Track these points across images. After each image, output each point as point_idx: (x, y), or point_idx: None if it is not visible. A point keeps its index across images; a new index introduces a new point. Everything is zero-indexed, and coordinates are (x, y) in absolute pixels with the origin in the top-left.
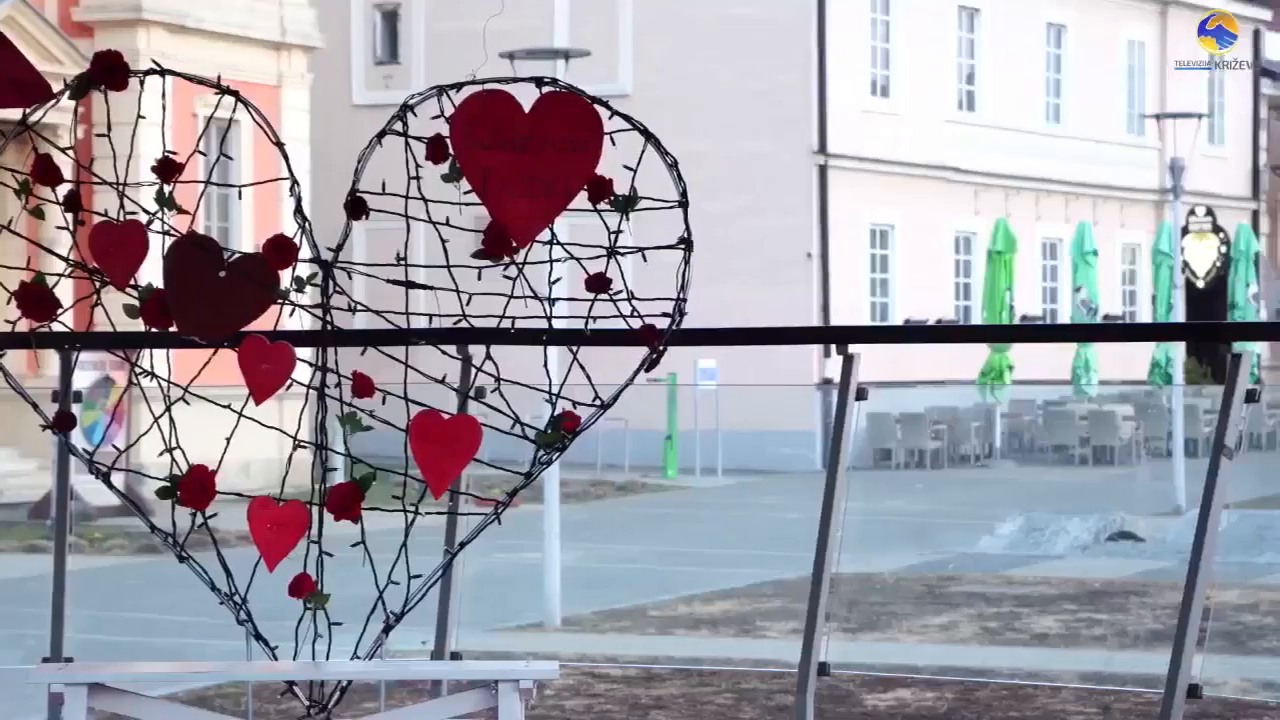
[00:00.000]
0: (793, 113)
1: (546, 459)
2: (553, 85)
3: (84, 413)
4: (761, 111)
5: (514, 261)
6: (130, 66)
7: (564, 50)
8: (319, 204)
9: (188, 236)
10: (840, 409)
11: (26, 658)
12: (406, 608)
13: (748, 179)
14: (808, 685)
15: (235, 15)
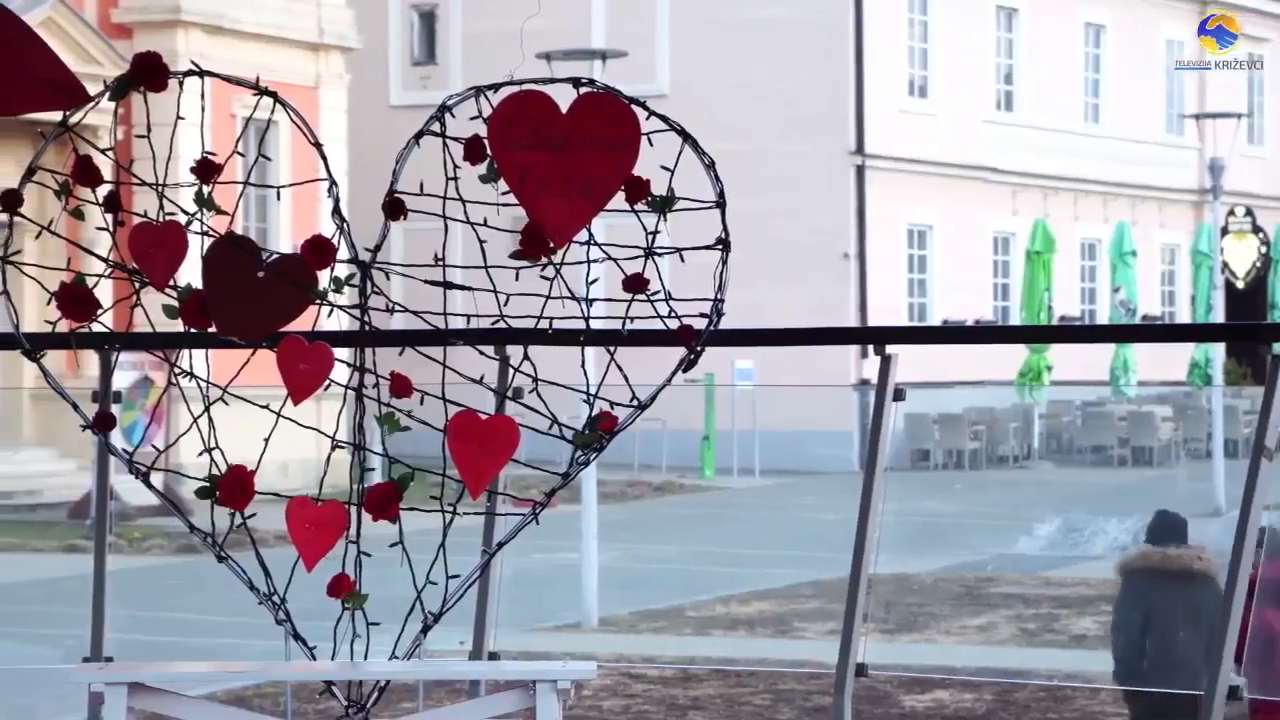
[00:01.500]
0: (830, 113)
1: (584, 459)
2: (590, 86)
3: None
4: (799, 112)
5: (551, 262)
6: (169, 68)
7: (601, 51)
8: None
9: (226, 237)
10: (878, 409)
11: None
12: (444, 608)
13: (785, 179)
14: (845, 686)
15: (273, 16)
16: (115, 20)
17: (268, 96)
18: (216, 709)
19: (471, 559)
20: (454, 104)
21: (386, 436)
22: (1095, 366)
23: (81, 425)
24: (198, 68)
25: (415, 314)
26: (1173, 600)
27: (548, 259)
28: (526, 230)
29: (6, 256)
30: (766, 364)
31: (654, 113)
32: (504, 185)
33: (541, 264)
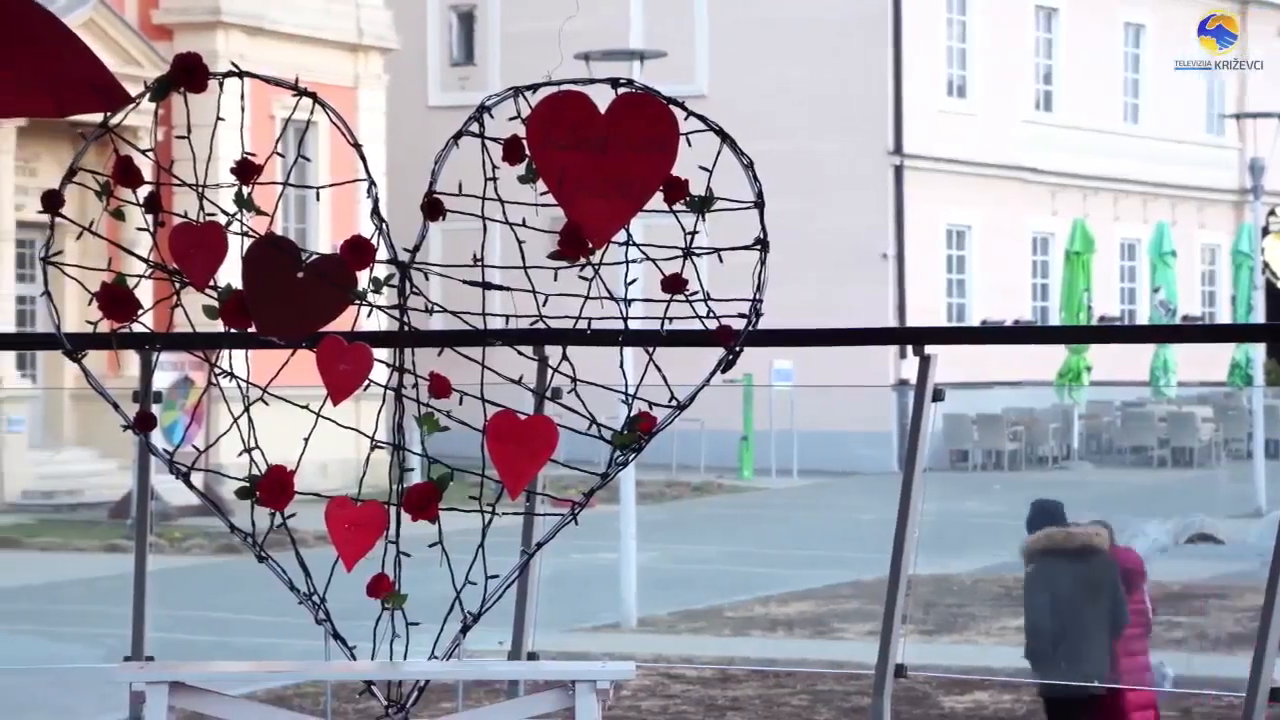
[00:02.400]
0: (869, 113)
1: (623, 460)
2: (629, 86)
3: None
4: (837, 112)
5: (590, 262)
6: (209, 69)
7: (639, 51)
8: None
9: (266, 237)
10: (917, 410)
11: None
12: (484, 608)
13: (823, 180)
14: (885, 687)
15: (312, 17)
16: (156, 21)
17: (307, 97)
18: (257, 708)
19: (510, 559)
20: (493, 104)
21: (425, 436)
22: (1135, 367)
23: (122, 425)
24: (237, 69)
25: (454, 314)
26: (1077, 577)
27: (586, 259)
28: (565, 230)
29: (48, 257)
30: (805, 364)
31: (692, 113)
32: (543, 186)
33: (580, 264)
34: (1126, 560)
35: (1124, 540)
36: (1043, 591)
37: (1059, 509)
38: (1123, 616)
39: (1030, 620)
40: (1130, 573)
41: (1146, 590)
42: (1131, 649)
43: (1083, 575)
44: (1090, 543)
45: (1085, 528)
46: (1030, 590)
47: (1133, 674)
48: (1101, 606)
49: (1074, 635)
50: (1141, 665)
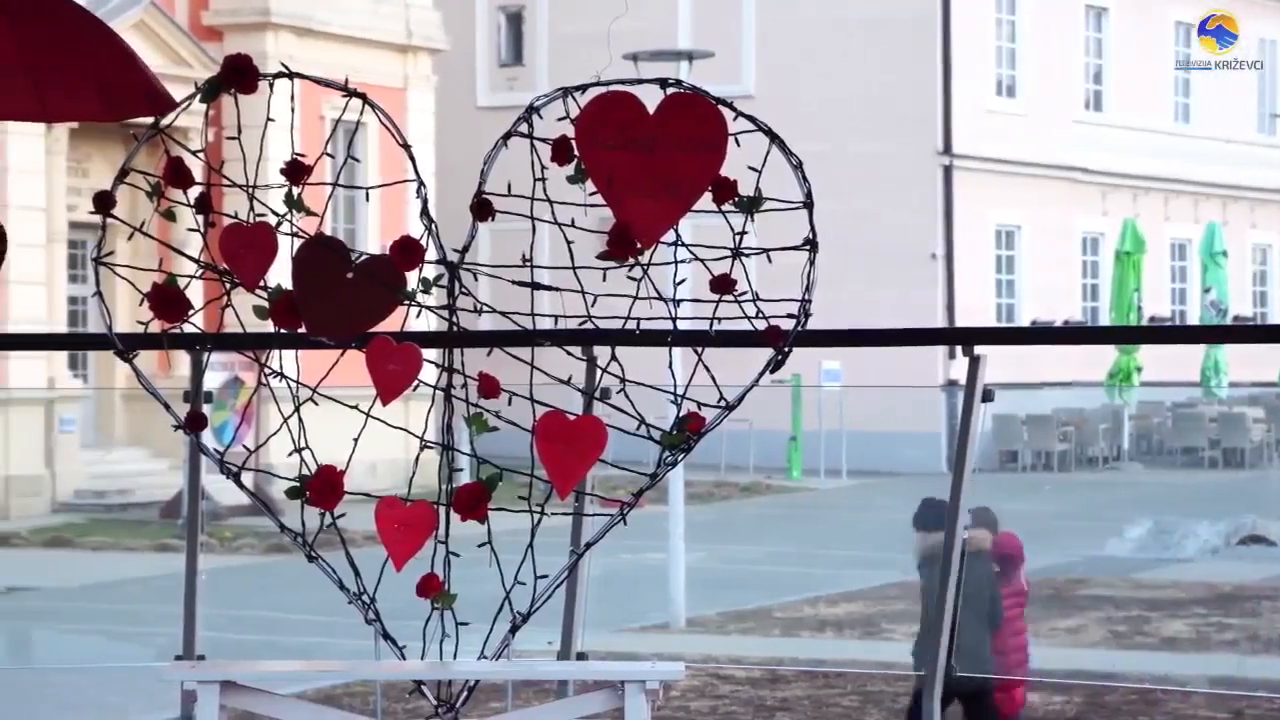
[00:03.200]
0: (917, 113)
1: (672, 460)
2: (677, 86)
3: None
4: (886, 112)
5: (639, 263)
6: (259, 70)
7: (688, 51)
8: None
9: (316, 238)
10: (966, 411)
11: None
12: (533, 608)
13: (872, 180)
14: (934, 688)
15: (361, 18)
16: (206, 23)
17: (357, 98)
18: (307, 707)
19: (559, 559)
20: (541, 105)
21: (475, 437)
22: (1186, 367)
23: (173, 425)
24: (287, 70)
25: (503, 314)
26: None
27: (635, 259)
28: (614, 231)
29: (100, 258)
30: (853, 364)
31: (741, 113)
32: (591, 186)
33: (629, 264)
34: (1009, 545)
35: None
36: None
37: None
38: (998, 614)
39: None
40: (1012, 557)
41: (1023, 572)
42: (1015, 629)
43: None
44: (983, 547)
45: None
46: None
47: (1016, 653)
48: (984, 605)
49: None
50: (1022, 644)
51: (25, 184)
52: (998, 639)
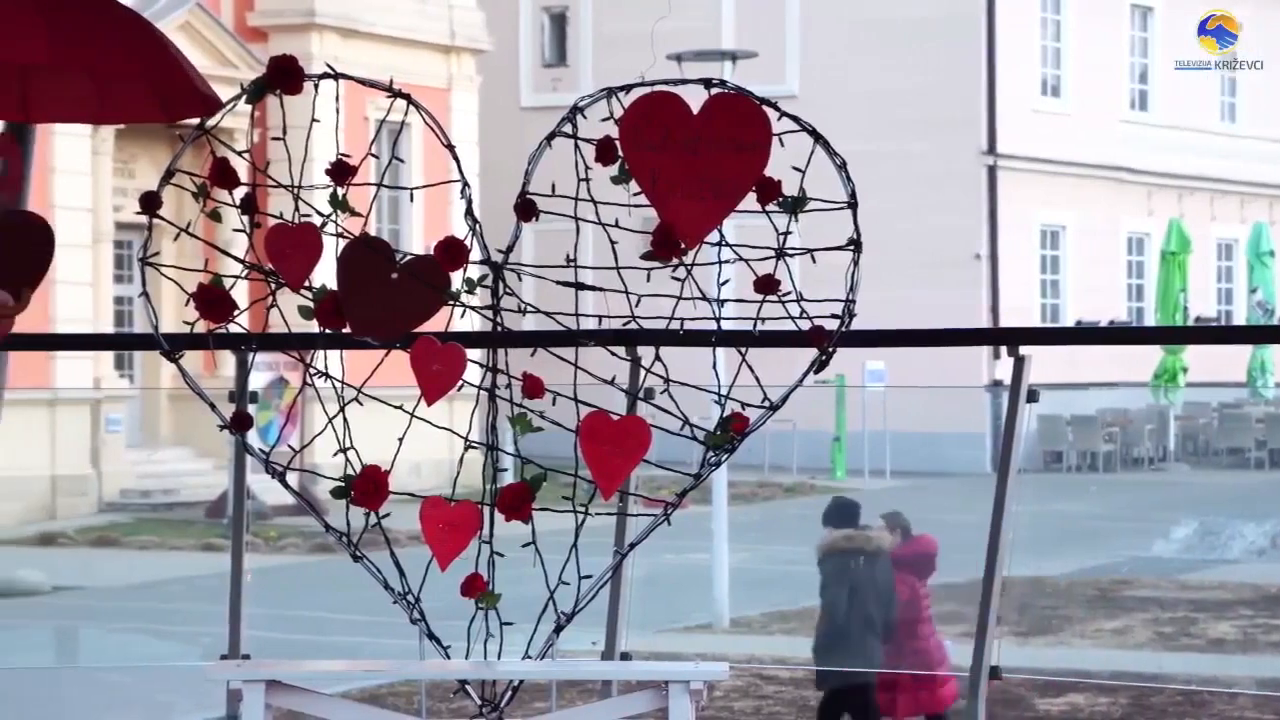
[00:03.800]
0: (962, 113)
1: (715, 460)
2: (721, 86)
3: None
4: (930, 112)
5: (683, 263)
6: (304, 70)
7: (731, 51)
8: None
9: (360, 238)
10: (1011, 411)
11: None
12: (577, 608)
13: (916, 180)
14: (979, 689)
15: (405, 19)
16: (251, 24)
17: (401, 99)
18: (352, 707)
19: (603, 559)
20: (585, 105)
21: (519, 437)
22: (1232, 367)
23: (219, 425)
24: (332, 70)
25: (547, 315)
26: (869, 576)
27: (679, 260)
28: (658, 231)
29: (146, 258)
30: (898, 365)
31: (785, 113)
32: (635, 186)
33: (672, 265)
34: (927, 547)
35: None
36: (841, 587)
37: (857, 509)
38: (893, 611)
39: (828, 614)
40: (930, 557)
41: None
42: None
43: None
44: (883, 545)
45: (880, 531)
46: (829, 585)
47: (930, 653)
48: (883, 603)
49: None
50: (936, 645)
51: (72, 184)
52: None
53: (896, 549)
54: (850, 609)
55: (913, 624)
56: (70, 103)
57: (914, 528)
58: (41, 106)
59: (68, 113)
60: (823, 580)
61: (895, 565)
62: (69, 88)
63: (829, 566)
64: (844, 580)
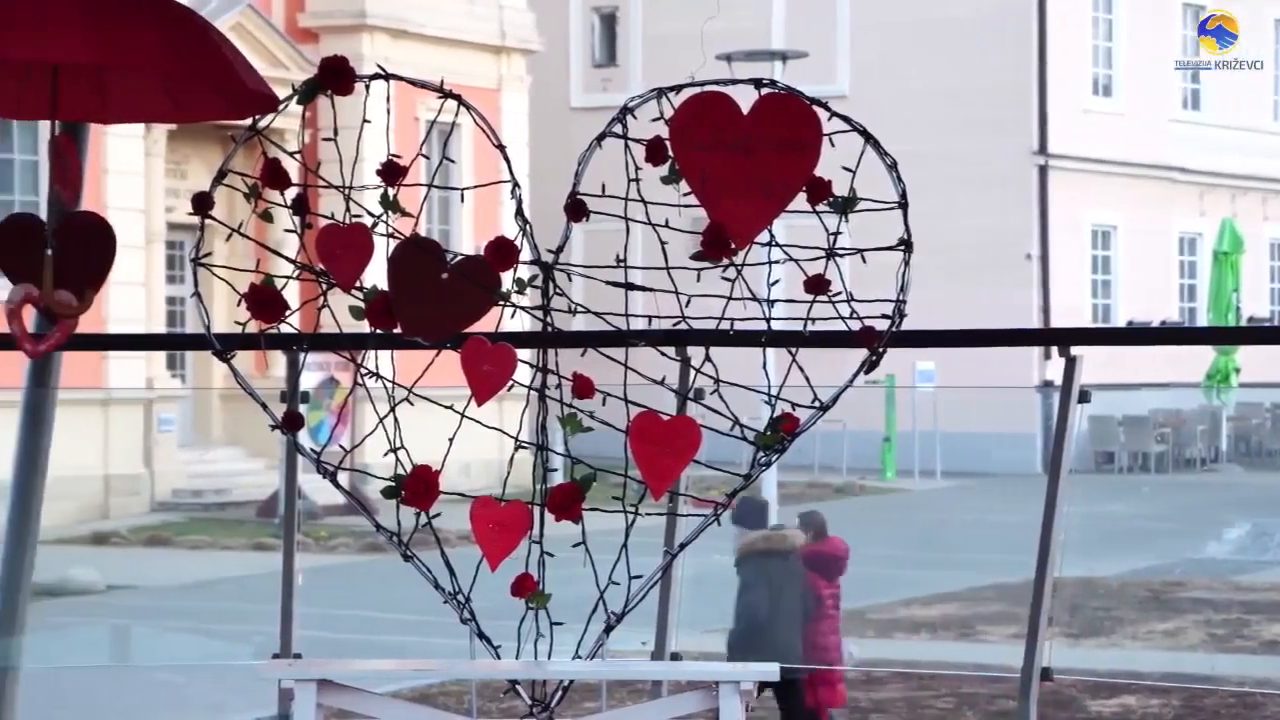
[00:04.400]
0: (1012, 113)
1: (765, 460)
2: (771, 87)
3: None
4: (981, 112)
5: (733, 263)
6: (355, 71)
7: (781, 51)
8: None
9: (411, 239)
10: (1063, 412)
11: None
12: (627, 608)
13: (967, 180)
14: (1030, 690)
15: (455, 20)
16: (302, 25)
17: (452, 99)
18: (403, 706)
19: (653, 560)
20: (636, 106)
21: (569, 437)
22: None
23: (270, 425)
24: (383, 71)
25: (597, 315)
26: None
27: (729, 260)
28: (708, 231)
29: (198, 258)
30: (948, 365)
31: (835, 113)
32: (685, 186)
33: (723, 265)
34: (836, 549)
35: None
36: (763, 588)
37: (766, 507)
38: (810, 606)
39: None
40: (840, 560)
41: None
42: (834, 626)
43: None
44: (797, 545)
45: (794, 530)
46: (751, 586)
47: (830, 651)
48: (797, 600)
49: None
50: (835, 644)
51: (124, 185)
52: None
53: (807, 548)
54: (772, 610)
55: (816, 622)
56: (147, 101)
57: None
58: (115, 107)
59: (145, 112)
60: (742, 582)
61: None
62: (145, 87)
63: (748, 568)
64: (764, 581)
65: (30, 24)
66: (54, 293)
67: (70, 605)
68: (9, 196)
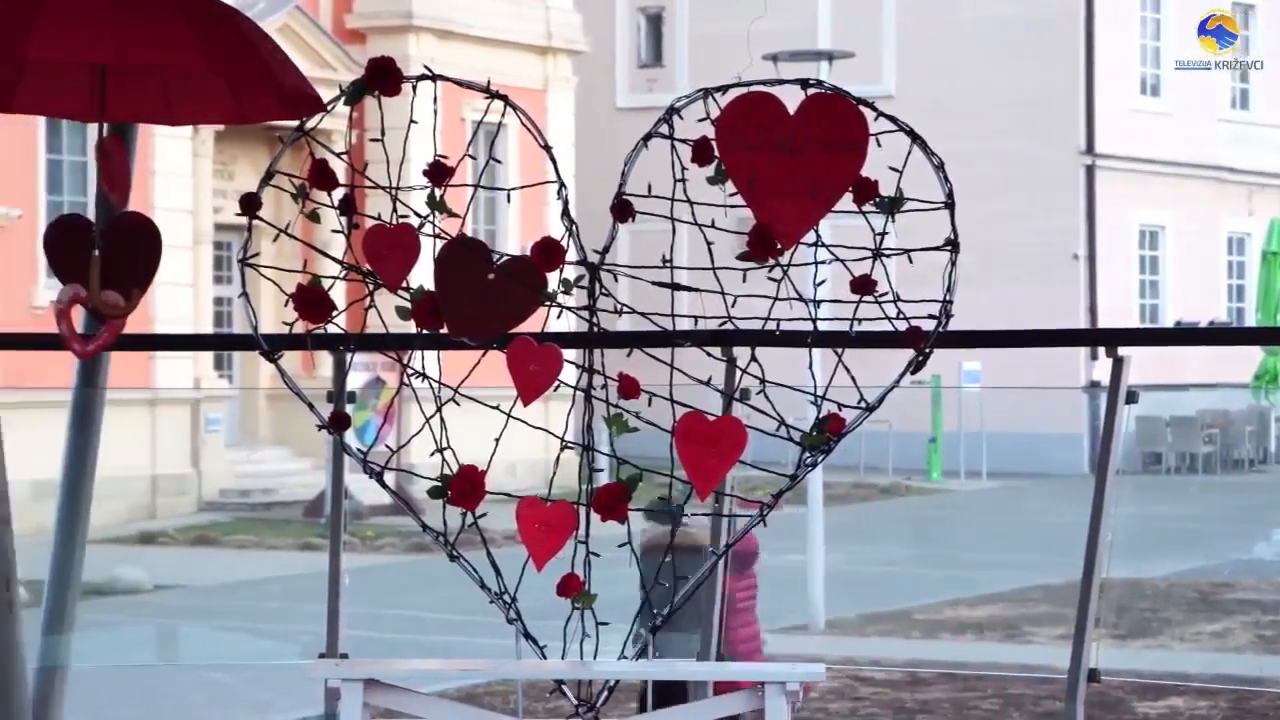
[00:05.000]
0: (1060, 112)
1: (811, 461)
2: (818, 87)
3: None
4: (1028, 111)
5: (779, 263)
6: (402, 72)
7: (828, 52)
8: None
9: (458, 239)
10: (1110, 412)
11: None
12: (673, 608)
13: (1013, 180)
14: (1077, 692)
15: (502, 20)
16: (349, 26)
17: (499, 100)
18: (449, 706)
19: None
20: (682, 106)
21: (614, 437)
22: None
23: (317, 425)
24: (430, 72)
25: (643, 315)
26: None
27: (775, 260)
28: (754, 231)
29: (245, 259)
30: (994, 365)
31: (882, 113)
32: (731, 187)
33: (769, 265)
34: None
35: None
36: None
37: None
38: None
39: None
40: (749, 554)
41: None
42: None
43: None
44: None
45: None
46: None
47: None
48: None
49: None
50: (754, 634)
51: (172, 186)
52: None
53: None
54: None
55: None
56: (207, 103)
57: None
58: (178, 108)
59: (205, 114)
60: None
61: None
62: (205, 89)
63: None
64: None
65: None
66: (101, 293)
67: (118, 604)
68: (58, 197)
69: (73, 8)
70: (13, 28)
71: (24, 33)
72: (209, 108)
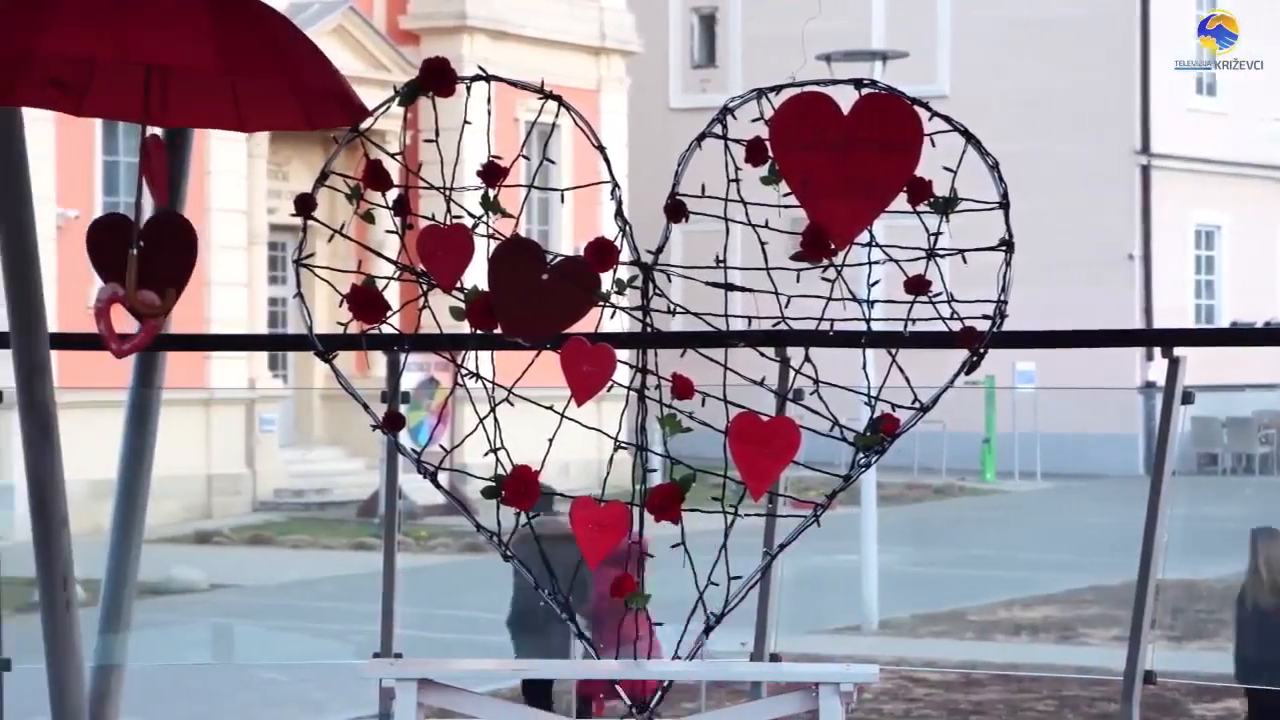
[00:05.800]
0: (1115, 112)
1: (865, 461)
2: (872, 87)
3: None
4: (1083, 111)
5: (832, 263)
6: (456, 73)
7: (881, 52)
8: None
9: (511, 239)
10: (1165, 413)
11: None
12: (726, 609)
13: (1068, 180)
14: (1133, 693)
15: (555, 21)
16: (403, 27)
17: (552, 100)
18: (503, 705)
19: (752, 560)
20: (736, 106)
21: (668, 437)
22: None
23: (371, 425)
24: (484, 72)
25: (696, 315)
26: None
27: (829, 260)
28: (808, 232)
29: (300, 259)
30: (1048, 366)
31: (936, 113)
32: (785, 187)
33: (822, 265)
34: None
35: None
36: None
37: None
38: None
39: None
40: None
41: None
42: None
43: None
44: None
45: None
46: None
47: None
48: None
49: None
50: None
51: (227, 187)
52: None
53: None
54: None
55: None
56: (214, 109)
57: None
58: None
59: (211, 118)
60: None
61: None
62: (213, 95)
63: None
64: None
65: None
66: (138, 293)
67: (174, 604)
68: (115, 198)
69: (86, 4)
70: (22, 25)
71: (34, 31)
72: (279, 115)
